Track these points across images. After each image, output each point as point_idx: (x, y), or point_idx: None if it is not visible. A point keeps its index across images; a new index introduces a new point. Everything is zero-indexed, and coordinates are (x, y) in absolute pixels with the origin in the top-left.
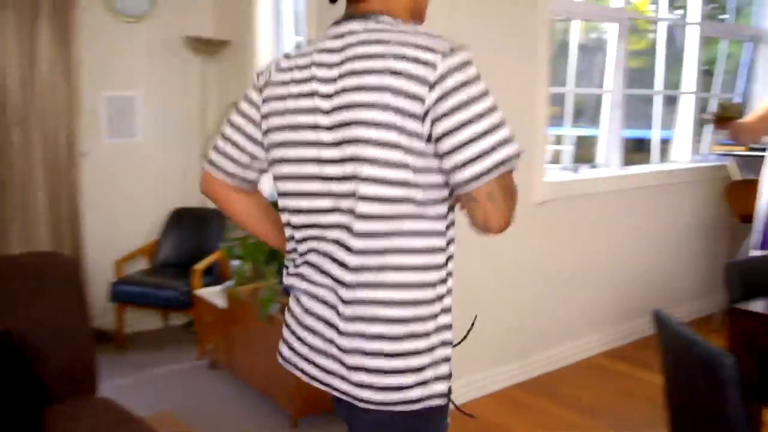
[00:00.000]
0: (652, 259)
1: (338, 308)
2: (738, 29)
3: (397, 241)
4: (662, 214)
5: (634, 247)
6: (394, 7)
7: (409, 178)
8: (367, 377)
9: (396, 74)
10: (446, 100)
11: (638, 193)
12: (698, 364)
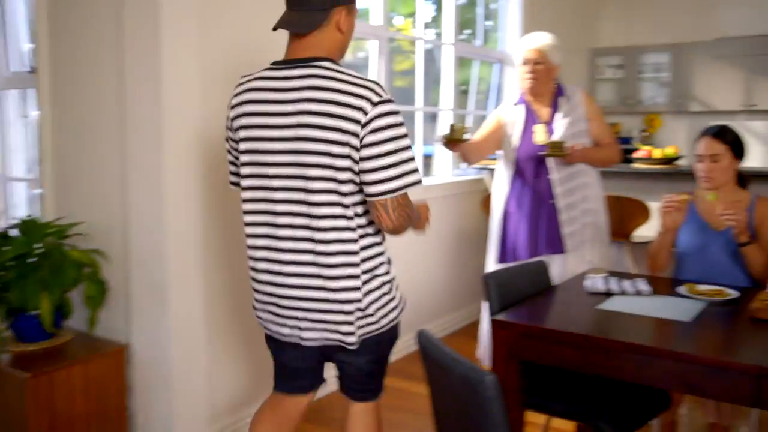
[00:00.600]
0: (419, 271)
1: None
2: (487, 52)
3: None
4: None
5: (400, 262)
6: (330, 52)
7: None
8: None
9: (334, 116)
10: (371, 136)
11: None
12: (462, 384)
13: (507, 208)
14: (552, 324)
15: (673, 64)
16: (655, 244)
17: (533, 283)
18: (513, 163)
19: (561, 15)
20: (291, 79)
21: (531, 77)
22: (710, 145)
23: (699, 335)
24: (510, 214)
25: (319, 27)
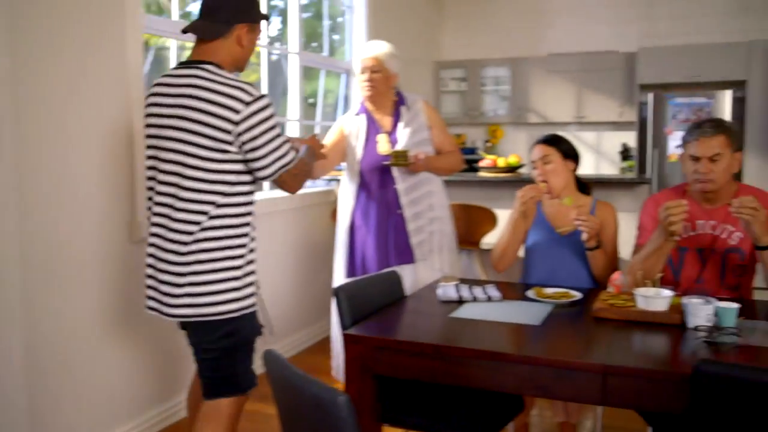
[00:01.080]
0: (270, 288)
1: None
2: (333, 62)
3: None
4: (276, 241)
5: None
6: (224, 61)
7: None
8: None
9: (207, 113)
10: (249, 132)
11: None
12: (313, 405)
13: (353, 221)
14: (405, 335)
15: (512, 77)
16: (503, 239)
17: (385, 293)
18: (357, 174)
19: (405, 28)
20: (179, 77)
21: (369, 85)
22: (539, 150)
23: (548, 338)
24: (357, 227)
25: (220, 37)
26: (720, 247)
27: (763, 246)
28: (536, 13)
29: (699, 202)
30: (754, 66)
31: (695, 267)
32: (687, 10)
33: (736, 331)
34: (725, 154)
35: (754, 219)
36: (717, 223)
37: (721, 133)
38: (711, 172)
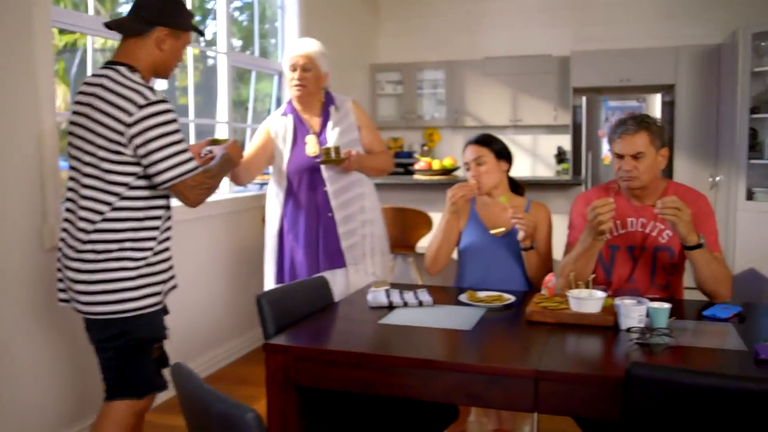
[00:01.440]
0: (195, 296)
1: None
2: (265, 63)
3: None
4: (204, 247)
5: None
6: (143, 64)
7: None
8: None
9: (107, 114)
10: (141, 136)
11: (176, 228)
12: (221, 422)
13: (282, 225)
14: (330, 344)
15: (448, 80)
16: (436, 241)
17: (313, 300)
18: (285, 177)
19: (340, 30)
20: (94, 77)
21: (299, 84)
22: (473, 150)
23: (479, 344)
24: (286, 231)
25: (138, 36)
26: (650, 246)
27: (690, 246)
28: (472, 16)
29: (629, 200)
30: (681, 70)
31: (626, 266)
32: (617, 16)
33: (668, 332)
34: (649, 151)
35: (678, 219)
36: (647, 221)
37: (644, 129)
38: (635, 169)
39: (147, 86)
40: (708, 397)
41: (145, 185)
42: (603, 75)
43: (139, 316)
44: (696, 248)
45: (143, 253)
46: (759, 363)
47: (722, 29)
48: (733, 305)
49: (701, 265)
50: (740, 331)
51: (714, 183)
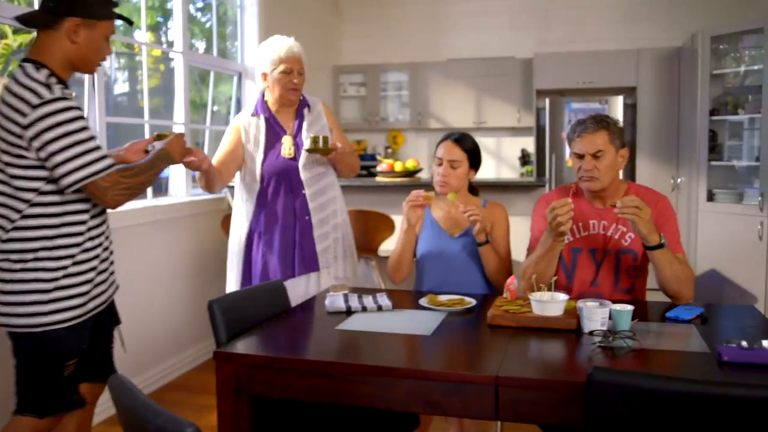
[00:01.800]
0: (159, 301)
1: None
2: (225, 63)
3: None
4: (162, 252)
5: (135, 291)
6: (50, 57)
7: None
8: None
9: (5, 117)
10: (39, 138)
11: (132, 232)
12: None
13: (253, 229)
14: (286, 351)
15: (411, 82)
16: (397, 249)
17: (268, 306)
18: (257, 179)
19: (302, 31)
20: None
21: (295, 87)
22: (451, 151)
23: (439, 349)
24: (256, 236)
25: (49, 29)
26: (613, 249)
27: (651, 246)
28: (435, 18)
29: (591, 202)
30: (643, 73)
31: (589, 269)
32: (580, 19)
33: (631, 335)
34: (608, 149)
35: (638, 218)
36: (609, 223)
37: (603, 128)
38: (595, 168)
39: (44, 84)
40: (671, 401)
41: (57, 189)
42: (566, 77)
43: (49, 332)
44: (657, 248)
45: (61, 262)
46: (722, 365)
47: (682, 32)
48: (695, 306)
49: (663, 266)
50: (703, 332)
51: (675, 184)
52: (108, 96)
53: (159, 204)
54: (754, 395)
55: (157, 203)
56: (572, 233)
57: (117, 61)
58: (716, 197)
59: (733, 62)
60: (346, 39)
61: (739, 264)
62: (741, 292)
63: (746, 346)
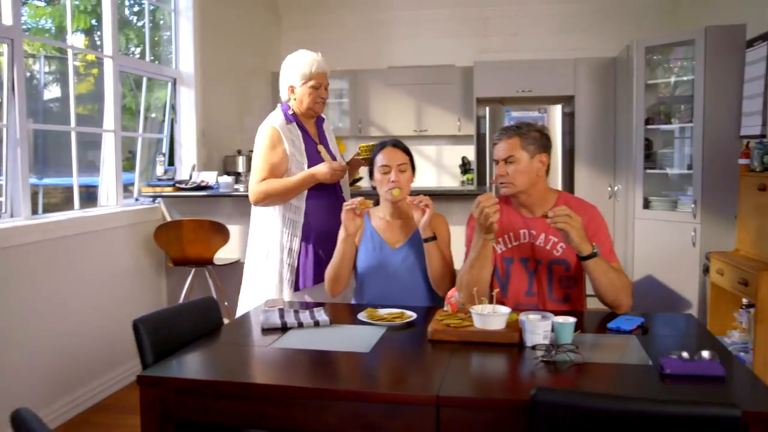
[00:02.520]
0: (85, 316)
1: None
2: (159, 69)
3: None
4: (92, 265)
5: (63, 306)
6: None
7: None
8: None
9: None
10: None
11: (60, 244)
12: None
13: (307, 232)
14: (215, 373)
15: (352, 90)
16: (335, 261)
17: (199, 324)
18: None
19: (240, 37)
20: None
21: (322, 102)
22: (396, 155)
23: (377, 368)
24: (308, 239)
25: None
26: (544, 258)
27: (584, 256)
28: (376, 25)
29: (519, 211)
30: (580, 82)
31: (523, 279)
32: (519, 28)
33: (574, 348)
34: (520, 155)
35: (570, 227)
36: (537, 233)
37: (515, 135)
38: (507, 174)
39: None
40: (615, 420)
41: None
42: (505, 85)
43: None
44: (590, 257)
45: None
46: (664, 377)
47: (617, 43)
48: (635, 316)
49: (598, 275)
50: (644, 343)
51: (613, 192)
52: (37, 101)
53: (88, 215)
54: (699, 413)
55: (86, 214)
56: (503, 242)
57: (47, 65)
58: (652, 204)
59: (665, 73)
60: (286, 45)
61: (674, 270)
62: (676, 298)
63: (687, 357)
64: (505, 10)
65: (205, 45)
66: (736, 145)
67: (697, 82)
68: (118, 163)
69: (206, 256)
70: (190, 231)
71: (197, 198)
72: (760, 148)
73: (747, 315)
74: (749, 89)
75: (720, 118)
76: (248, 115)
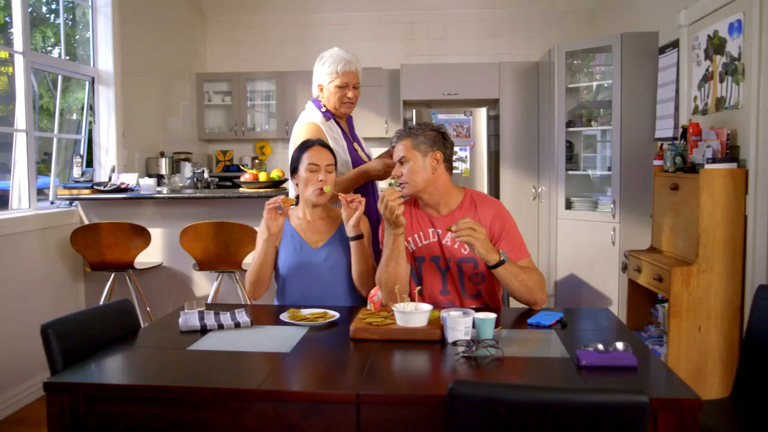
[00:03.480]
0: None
1: None
2: (76, 67)
3: None
4: (4, 271)
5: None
6: None
7: None
8: None
9: None
10: None
11: None
12: None
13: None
14: (128, 377)
15: (279, 92)
16: (256, 262)
17: (113, 328)
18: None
19: (162, 36)
20: None
21: (350, 102)
22: (323, 155)
23: (298, 368)
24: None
25: None
26: (453, 257)
27: (492, 265)
28: (302, 27)
29: (427, 212)
30: (504, 86)
31: (436, 277)
32: (445, 32)
33: (495, 343)
34: (412, 155)
35: (474, 239)
36: (445, 232)
37: (406, 136)
38: (402, 174)
39: None
40: (530, 410)
41: None
42: (432, 88)
43: None
44: (499, 265)
45: None
46: (580, 369)
47: (540, 48)
48: (555, 312)
49: (509, 280)
50: (563, 337)
51: (537, 193)
52: None
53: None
54: (609, 400)
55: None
56: (414, 242)
57: None
58: (574, 205)
59: (586, 77)
60: (211, 46)
61: (595, 268)
62: (597, 295)
63: (602, 349)
64: (432, 14)
65: (125, 43)
66: (652, 147)
67: (615, 86)
68: (31, 165)
69: (126, 260)
70: (109, 234)
71: (117, 201)
72: (672, 150)
73: (662, 310)
74: (662, 94)
75: (636, 122)
76: (172, 117)
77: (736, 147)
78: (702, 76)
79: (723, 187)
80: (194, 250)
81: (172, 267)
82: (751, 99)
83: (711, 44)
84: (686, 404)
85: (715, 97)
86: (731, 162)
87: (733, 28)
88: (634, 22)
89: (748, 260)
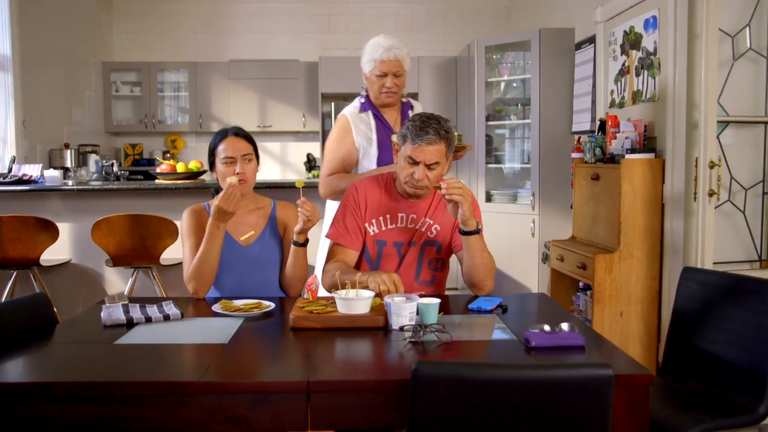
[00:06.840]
0: None
1: None
2: None
3: None
4: None
5: None
6: None
7: None
8: None
9: None
10: None
11: None
12: None
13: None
14: (50, 375)
15: (191, 83)
16: (202, 254)
17: (29, 323)
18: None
19: (64, 23)
20: None
21: (390, 92)
22: (240, 145)
23: (238, 358)
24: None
25: None
26: (418, 240)
27: (469, 230)
28: (216, 17)
29: (403, 198)
30: (423, 80)
31: (393, 261)
32: (363, 26)
33: (441, 328)
34: (443, 162)
35: (463, 200)
36: (418, 216)
37: (443, 141)
38: (426, 178)
39: None
40: (498, 388)
41: None
42: (350, 82)
43: None
44: (474, 233)
45: None
46: (530, 350)
47: (458, 43)
48: (493, 297)
49: (475, 252)
50: (505, 320)
51: None
52: None
53: None
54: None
55: None
56: (377, 225)
57: None
58: (493, 198)
59: (504, 72)
60: (118, 34)
61: (516, 260)
62: (518, 286)
63: (549, 330)
64: (349, 7)
65: (24, 27)
66: (569, 141)
67: (533, 81)
68: None
69: (31, 256)
70: (11, 228)
71: (19, 193)
72: (591, 141)
73: (584, 297)
74: (579, 88)
75: (554, 116)
76: (77, 107)
77: (653, 138)
78: (618, 70)
79: (642, 177)
80: (107, 244)
81: (82, 264)
82: (667, 91)
83: (627, 39)
84: (638, 380)
85: (632, 90)
86: (649, 152)
87: (649, 23)
88: (548, 20)
89: (666, 246)
